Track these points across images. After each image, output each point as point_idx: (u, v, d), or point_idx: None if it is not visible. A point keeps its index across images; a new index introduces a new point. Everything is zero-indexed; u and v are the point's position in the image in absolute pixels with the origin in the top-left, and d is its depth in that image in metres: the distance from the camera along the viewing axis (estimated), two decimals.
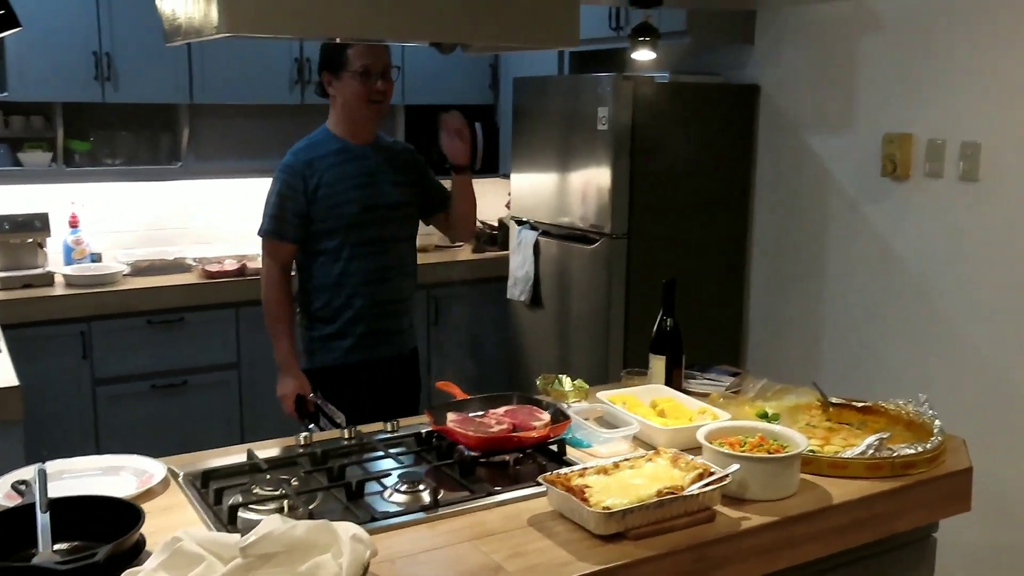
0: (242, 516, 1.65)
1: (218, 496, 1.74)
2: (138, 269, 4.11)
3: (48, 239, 3.99)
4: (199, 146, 4.42)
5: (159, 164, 4.27)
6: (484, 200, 3.16)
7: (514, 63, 4.62)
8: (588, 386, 2.36)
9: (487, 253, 4.75)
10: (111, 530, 1.43)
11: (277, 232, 2.77)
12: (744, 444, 1.84)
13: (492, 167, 4.86)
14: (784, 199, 3.82)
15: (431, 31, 1.85)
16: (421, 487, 1.79)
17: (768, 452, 1.80)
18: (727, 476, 1.70)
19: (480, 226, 4.67)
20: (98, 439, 3.84)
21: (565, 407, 2.15)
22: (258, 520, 1.43)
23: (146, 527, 1.48)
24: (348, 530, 1.41)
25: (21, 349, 3.10)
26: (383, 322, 2.83)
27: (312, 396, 2.65)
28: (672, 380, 2.34)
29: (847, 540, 1.80)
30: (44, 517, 1.46)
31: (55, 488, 1.60)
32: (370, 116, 2.79)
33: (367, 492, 1.79)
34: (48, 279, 3.90)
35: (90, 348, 3.81)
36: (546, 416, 2.04)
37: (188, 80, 4.09)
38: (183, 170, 4.31)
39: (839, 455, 1.90)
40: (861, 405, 2.20)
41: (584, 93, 3.73)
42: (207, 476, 1.84)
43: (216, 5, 1.59)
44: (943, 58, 3.14)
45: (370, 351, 2.82)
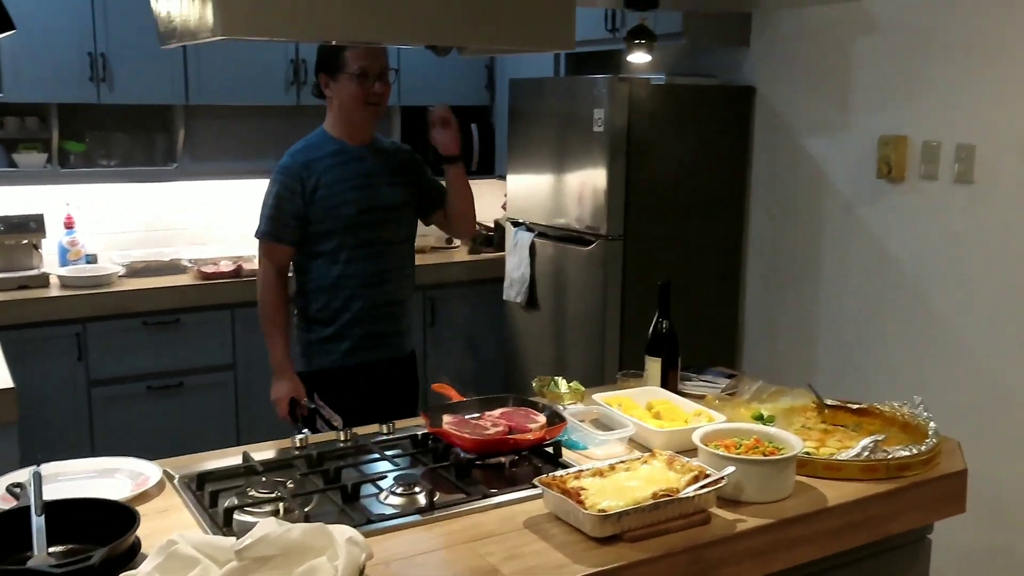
0: (238, 519, 1.65)
1: (214, 499, 1.74)
2: (134, 270, 4.10)
3: (43, 240, 3.98)
4: (195, 147, 4.41)
5: (155, 165, 4.26)
6: (480, 201, 3.15)
7: (510, 65, 4.63)
8: (584, 388, 2.36)
9: (483, 254, 4.75)
10: (106, 533, 1.43)
11: (274, 234, 2.77)
12: (740, 446, 1.84)
13: (488, 168, 4.87)
14: (780, 201, 3.82)
15: (427, 33, 1.85)
16: (417, 489, 1.79)
17: (763, 454, 1.80)
18: (722, 478, 1.70)
19: (476, 227, 4.67)
20: (93, 441, 3.83)
21: (561, 409, 2.14)
22: (254, 523, 1.42)
23: (141, 530, 1.48)
24: (344, 533, 1.41)
25: (16, 351, 3.08)
26: (381, 324, 2.83)
27: (306, 400, 2.63)
28: (668, 382, 2.34)
29: (842, 542, 1.81)
30: (39, 520, 1.46)
31: (50, 491, 1.59)
32: (367, 118, 2.78)
33: (363, 494, 1.79)
34: (43, 280, 3.89)
35: (85, 349, 3.80)
36: (542, 418, 2.04)
37: (184, 81, 4.09)
38: (179, 171, 4.30)
39: (834, 457, 1.90)
40: (856, 407, 2.20)
41: (580, 95, 3.73)
42: (203, 478, 1.84)
43: (211, 7, 1.58)
44: (938, 60, 3.15)
45: (368, 353, 2.82)
